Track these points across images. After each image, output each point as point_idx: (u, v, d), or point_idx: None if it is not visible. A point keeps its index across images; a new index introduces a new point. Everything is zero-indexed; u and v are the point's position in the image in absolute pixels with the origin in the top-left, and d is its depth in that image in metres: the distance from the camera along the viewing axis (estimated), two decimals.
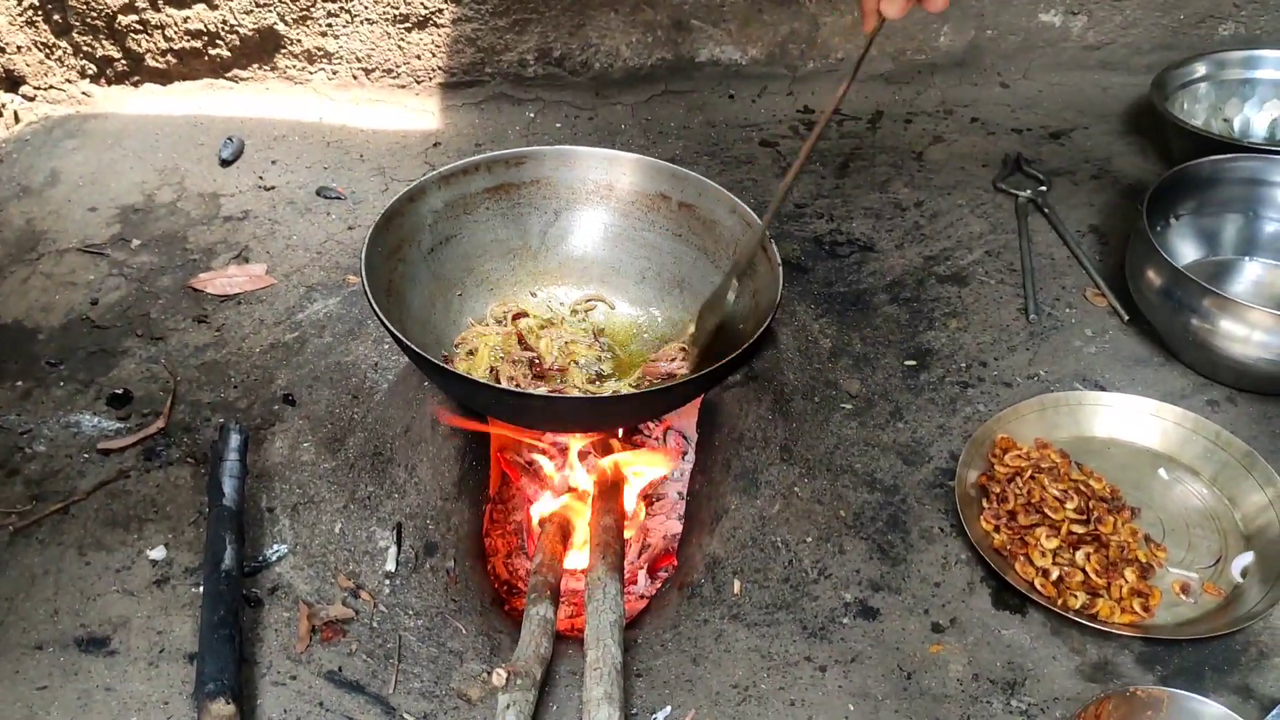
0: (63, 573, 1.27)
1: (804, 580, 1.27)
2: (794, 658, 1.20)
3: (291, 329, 1.61)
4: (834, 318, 1.61)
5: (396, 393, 1.46)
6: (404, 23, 2.02)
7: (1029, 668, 1.18)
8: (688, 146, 2.01)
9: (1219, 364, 1.45)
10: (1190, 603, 1.23)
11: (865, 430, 1.44)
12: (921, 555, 1.30)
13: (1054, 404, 1.43)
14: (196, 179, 1.91)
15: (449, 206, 1.51)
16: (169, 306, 1.65)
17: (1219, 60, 1.93)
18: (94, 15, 1.97)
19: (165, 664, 1.18)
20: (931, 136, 2.04)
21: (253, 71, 2.08)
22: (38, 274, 1.71)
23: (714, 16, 2.07)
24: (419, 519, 1.34)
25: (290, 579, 1.28)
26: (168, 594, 1.26)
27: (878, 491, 1.37)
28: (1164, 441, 1.40)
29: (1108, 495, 1.32)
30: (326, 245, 1.78)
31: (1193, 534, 1.30)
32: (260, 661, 1.19)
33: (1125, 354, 1.55)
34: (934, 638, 1.21)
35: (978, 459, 1.37)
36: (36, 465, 1.40)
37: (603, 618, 1.24)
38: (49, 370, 1.54)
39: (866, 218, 1.82)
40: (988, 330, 1.60)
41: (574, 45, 2.08)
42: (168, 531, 1.32)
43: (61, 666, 1.18)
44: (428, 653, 1.22)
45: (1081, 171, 1.94)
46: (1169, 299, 1.45)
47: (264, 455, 1.41)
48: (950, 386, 1.51)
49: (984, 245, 1.76)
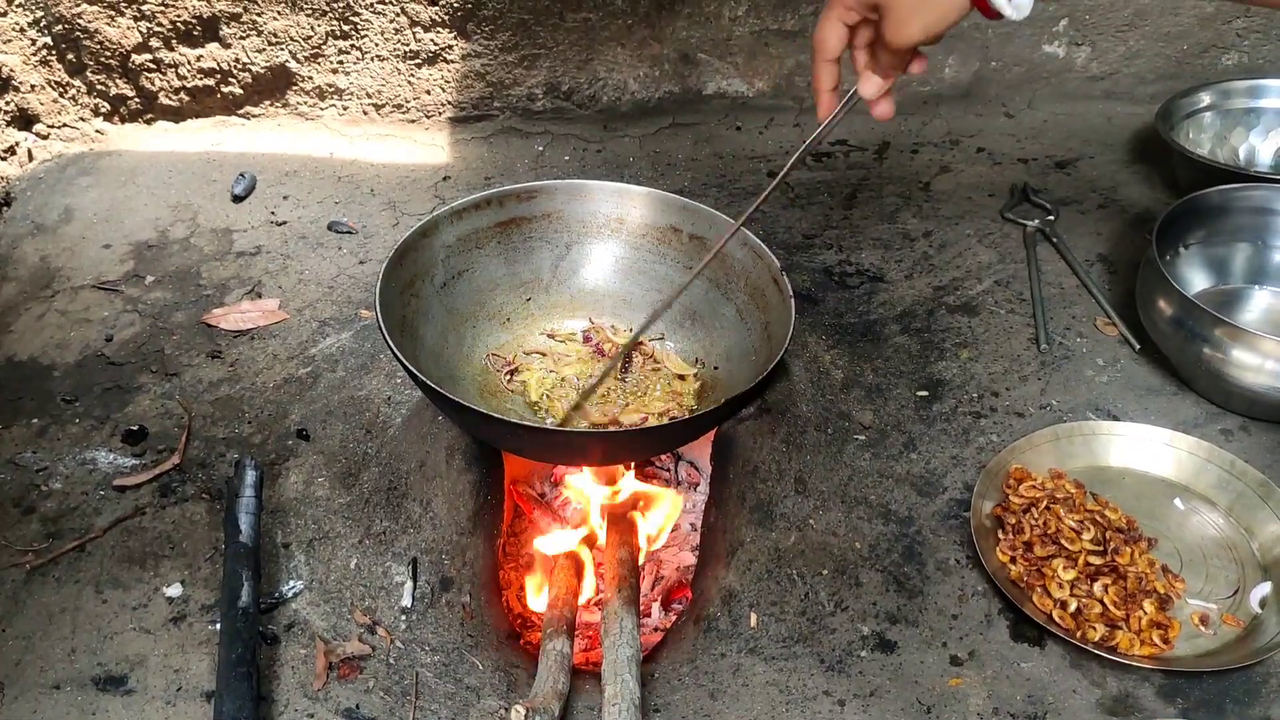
0: (80, 611, 1.27)
1: (821, 613, 1.27)
2: (812, 692, 1.20)
3: (305, 364, 1.62)
4: (845, 349, 1.62)
5: (410, 427, 1.46)
6: (414, 59, 2.04)
7: (1049, 701, 1.17)
8: (696, 178, 2.03)
9: (1232, 393, 1.45)
10: (1209, 634, 1.23)
11: (879, 461, 1.44)
12: (938, 587, 1.29)
13: (1068, 434, 1.43)
14: (209, 215, 1.93)
15: (461, 241, 1.52)
16: (183, 342, 1.66)
17: (1224, 89, 1.95)
18: (108, 54, 1.99)
19: (183, 702, 1.18)
20: (938, 167, 2.06)
21: (264, 108, 2.10)
22: (53, 311, 1.72)
23: (720, 50, 2.09)
24: (434, 554, 1.34)
25: (307, 615, 1.28)
26: (184, 632, 1.26)
27: (893, 523, 1.37)
28: (1179, 471, 1.40)
29: (1124, 526, 1.32)
30: (338, 280, 1.79)
31: (1210, 564, 1.30)
32: (278, 700, 1.19)
33: (1137, 383, 1.55)
34: (953, 671, 1.21)
35: (992, 490, 1.37)
36: (53, 503, 1.40)
37: (620, 653, 1.24)
38: (65, 407, 1.54)
39: (875, 248, 1.83)
40: (999, 360, 1.60)
41: (582, 79, 2.10)
42: (184, 568, 1.33)
43: (79, 706, 1.18)
44: (445, 689, 1.22)
45: (1088, 200, 1.95)
46: (1180, 328, 1.46)
47: (279, 490, 1.41)
48: (963, 417, 1.51)
49: (993, 275, 1.77)
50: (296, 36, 1.99)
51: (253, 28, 1.98)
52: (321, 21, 1.98)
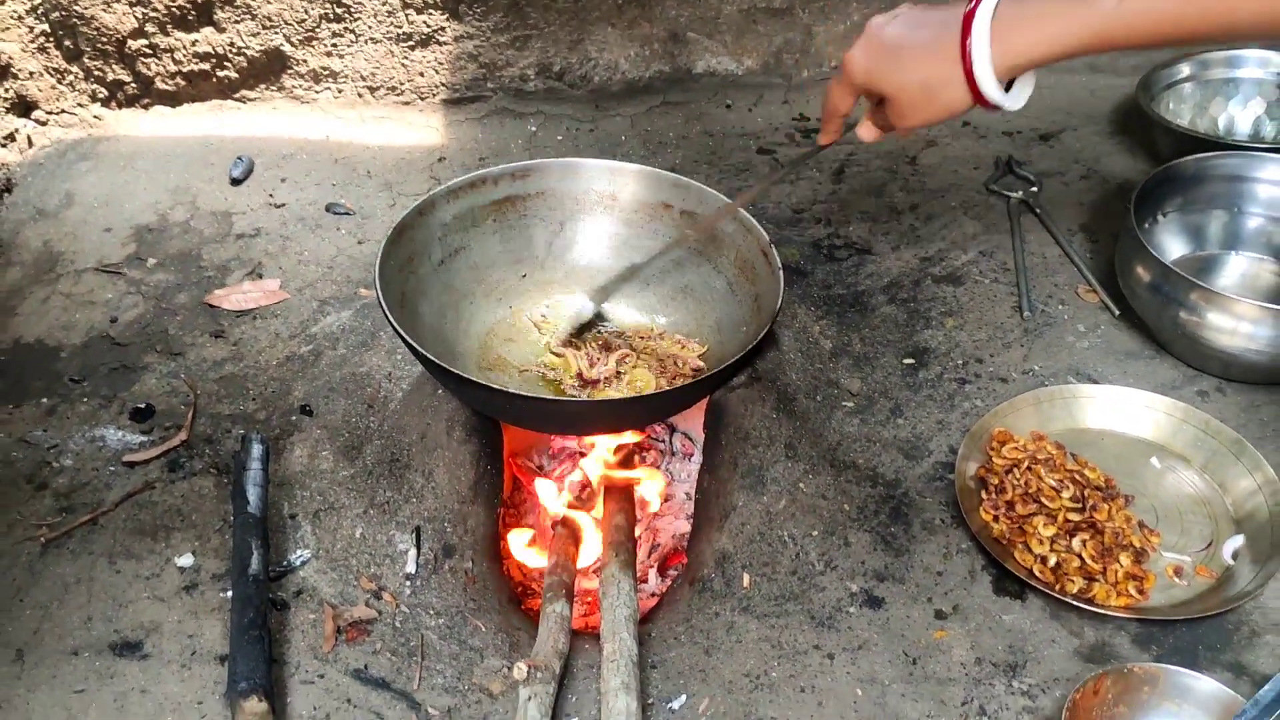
0: (94, 581, 1.32)
1: (811, 572, 1.32)
2: (803, 647, 1.24)
3: (306, 342, 1.66)
4: (834, 319, 1.66)
5: (411, 401, 1.50)
6: (407, 41, 2.07)
7: (1029, 650, 1.22)
8: (687, 155, 2.06)
9: (1207, 355, 1.50)
10: (1183, 585, 1.28)
11: (867, 427, 1.49)
12: (924, 546, 1.34)
13: (1049, 397, 1.48)
14: (208, 198, 1.96)
15: (458, 219, 1.56)
16: (186, 323, 1.70)
17: (1203, 61, 1.98)
18: (104, 40, 2.02)
19: (197, 665, 1.23)
20: (924, 142, 2.09)
21: (260, 92, 2.13)
22: (57, 294, 1.75)
23: (709, 29, 2.12)
24: (437, 522, 1.38)
25: (314, 583, 1.32)
26: (197, 599, 1.30)
27: (880, 486, 1.41)
28: (1156, 431, 1.44)
29: (1103, 484, 1.37)
30: (337, 259, 1.83)
31: (1185, 519, 1.35)
32: (289, 662, 1.24)
33: (1117, 348, 1.60)
34: (937, 624, 1.26)
35: (976, 452, 1.41)
36: (64, 479, 1.44)
37: (617, 612, 1.28)
38: (72, 387, 1.58)
39: (863, 222, 1.87)
40: (983, 328, 1.64)
41: (573, 59, 2.13)
42: (194, 539, 1.37)
43: (97, 671, 1.22)
44: (449, 650, 1.27)
45: (1071, 172, 1.99)
46: (1158, 293, 1.50)
47: (284, 465, 1.46)
48: (948, 383, 1.55)
49: (978, 246, 1.81)
50: (290, 20, 2.02)
51: (247, 11, 2.00)
52: (315, 4, 2.01)
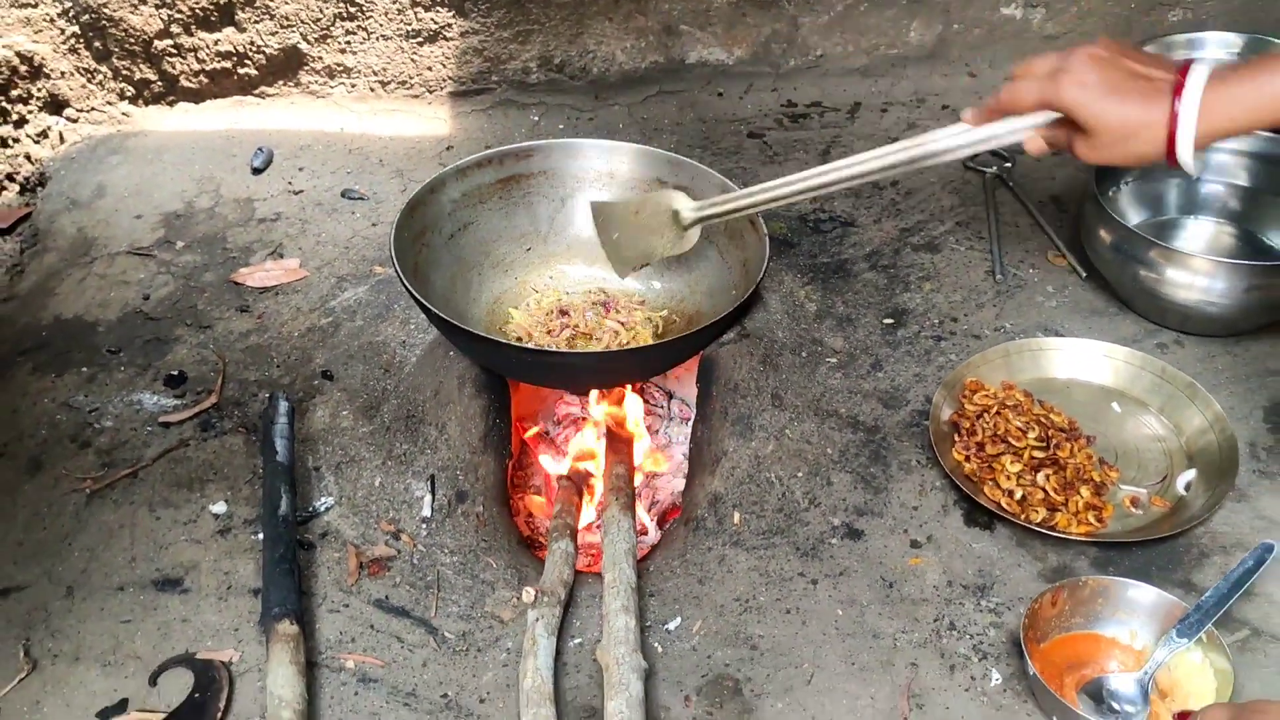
0: (136, 527, 1.43)
1: (796, 509, 1.43)
2: (789, 574, 1.35)
3: (325, 314, 1.78)
4: (819, 285, 1.77)
5: (425, 363, 1.62)
6: (416, 38, 2.19)
7: (997, 574, 1.33)
8: (681, 141, 2.18)
9: (1166, 310, 1.61)
10: (1139, 514, 1.38)
11: (849, 380, 1.60)
12: (901, 484, 1.45)
13: (1018, 350, 1.58)
14: (231, 186, 2.08)
15: (465, 196, 1.67)
16: (214, 299, 1.82)
17: (1166, 43, 2.10)
18: (131, 41, 2.15)
19: (233, 598, 1.34)
20: (906, 124, 2.21)
21: (278, 88, 2.25)
22: (93, 275, 1.88)
23: (701, 21, 2.24)
24: (450, 470, 1.49)
25: (338, 526, 1.44)
26: (230, 541, 1.42)
27: (861, 431, 1.52)
28: (1117, 379, 1.55)
29: (1066, 426, 1.48)
30: (353, 240, 1.94)
31: (1142, 456, 1.46)
32: (316, 594, 1.35)
33: (1083, 306, 1.71)
34: (913, 552, 1.36)
35: (950, 400, 1.52)
36: (105, 438, 1.56)
37: (618, 547, 1.39)
38: (110, 357, 1.70)
39: (847, 197, 1.98)
40: (958, 290, 1.75)
41: (573, 52, 2.25)
42: (226, 490, 1.48)
43: (141, 604, 1.34)
44: (463, 583, 1.38)
45: None
46: (1119, 253, 1.61)
47: (308, 423, 1.57)
48: (925, 340, 1.66)
49: (954, 217, 1.92)
50: (306, 19, 2.15)
51: (265, 12, 2.13)
52: (329, 4, 2.13)
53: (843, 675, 1.23)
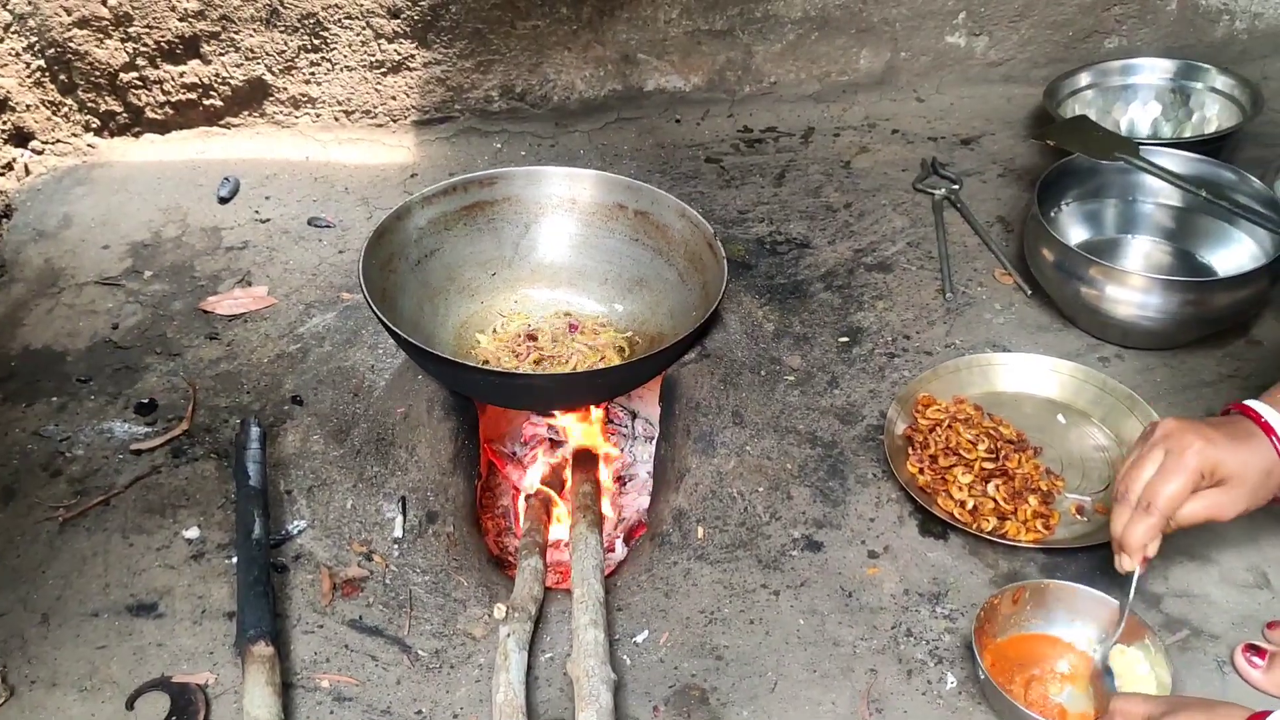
0: (110, 553, 1.45)
1: (758, 523, 1.48)
2: (752, 586, 1.40)
3: (294, 341, 1.81)
4: (776, 305, 1.83)
5: (394, 388, 1.65)
6: (380, 68, 2.23)
7: (951, 581, 1.38)
8: (640, 166, 2.24)
9: (1107, 325, 1.68)
10: (1084, 521, 1.45)
11: (806, 397, 1.65)
12: (858, 497, 1.50)
13: (968, 366, 1.65)
14: (198, 215, 2.11)
15: (431, 224, 1.72)
16: (183, 327, 1.84)
17: (1101, 70, 2.20)
18: (97, 74, 2.17)
19: (208, 622, 1.36)
20: (858, 147, 2.28)
21: (244, 118, 2.28)
22: (61, 305, 1.89)
23: (658, 50, 2.30)
24: (420, 492, 1.52)
25: (311, 548, 1.46)
26: (204, 566, 1.44)
27: (819, 447, 1.58)
28: (1061, 392, 1.62)
29: (1014, 438, 1.54)
30: (320, 268, 1.98)
31: (1086, 466, 1.52)
32: (290, 615, 1.37)
33: (1029, 323, 1.78)
34: (870, 562, 1.42)
35: (904, 415, 1.58)
36: (77, 466, 1.58)
37: (586, 563, 1.43)
38: (80, 386, 1.72)
39: (802, 220, 2.05)
40: (910, 309, 1.82)
41: (534, 81, 2.30)
42: (199, 515, 1.51)
43: (116, 629, 1.35)
44: (435, 602, 1.41)
45: (989, 171, 2.19)
46: (1061, 271, 1.68)
47: (279, 448, 1.60)
48: (879, 357, 1.72)
49: (906, 238, 1.99)
50: (271, 51, 2.18)
51: (231, 45, 2.16)
52: (294, 37, 2.17)
53: (805, 682, 1.28)
